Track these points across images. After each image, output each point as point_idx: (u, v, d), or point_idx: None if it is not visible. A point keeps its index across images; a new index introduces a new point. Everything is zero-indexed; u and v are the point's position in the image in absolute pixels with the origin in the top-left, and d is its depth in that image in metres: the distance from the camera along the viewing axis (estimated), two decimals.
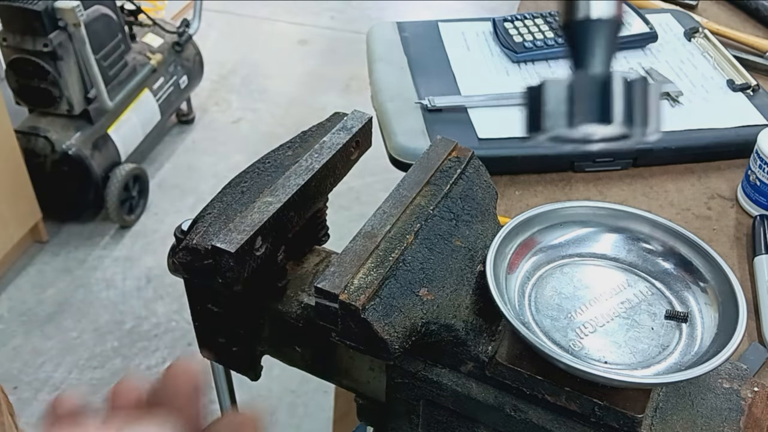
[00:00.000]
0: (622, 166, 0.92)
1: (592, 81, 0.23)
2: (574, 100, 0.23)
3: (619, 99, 0.23)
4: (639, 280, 0.52)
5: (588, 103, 0.23)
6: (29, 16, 2.06)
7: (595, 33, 0.25)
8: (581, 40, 0.25)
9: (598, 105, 0.23)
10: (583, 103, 0.23)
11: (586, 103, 0.23)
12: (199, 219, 0.52)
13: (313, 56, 3.47)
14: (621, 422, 0.45)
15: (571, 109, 0.23)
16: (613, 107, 0.23)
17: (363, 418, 0.58)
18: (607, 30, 0.25)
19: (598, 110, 0.23)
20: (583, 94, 0.23)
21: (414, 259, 0.49)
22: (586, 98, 0.23)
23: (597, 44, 0.25)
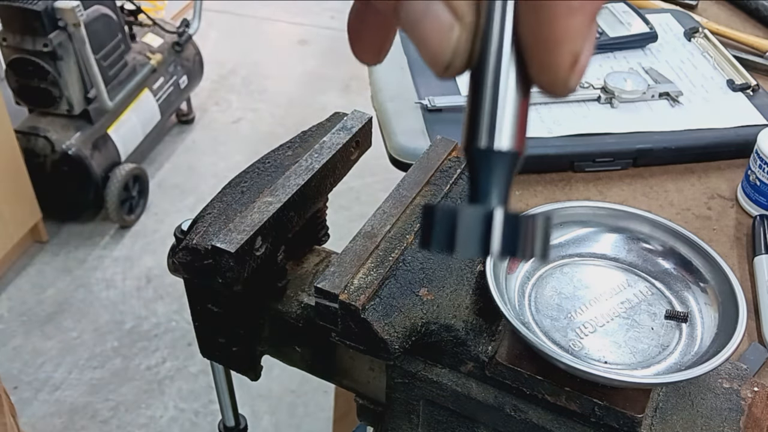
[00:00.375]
0: (622, 166, 0.92)
1: (477, 216, 0.25)
2: (456, 232, 0.25)
3: (498, 236, 0.25)
4: (639, 280, 0.52)
5: (469, 236, 0.25)
6: (29, 16, 2.06)
7: (493, 165, 0.26)
8: (478, 169, 0.26)
9: (478, 239, 0.25)
10: (464, 235, 0.25)
11: (467, 236, 0.25)
12: (199, 219, 0.52)
13: (313, 56, 3.47)
14: (621, 422, 0.45)
15: (453, 239, 0.25)
16: (491, 242, 0.25)
17: (363, 418, 0.58)
18: (505, 163, 0.26)
19: (477, 244, 0.25)
20: (466, 228, 0.25)
21: (414, 259, 0.49)
22: (468, 232, 0.25)
23: (494, 177, 0.26)
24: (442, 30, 0.25)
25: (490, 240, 0.25)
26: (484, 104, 0.26)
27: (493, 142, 0.25)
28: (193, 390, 1.98)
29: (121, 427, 1.90)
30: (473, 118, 0.26)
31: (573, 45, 0.24)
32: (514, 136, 0.26)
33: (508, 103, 0.26)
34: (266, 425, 1.91)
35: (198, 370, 2.03)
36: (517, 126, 0.26)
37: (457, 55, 0.25)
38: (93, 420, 1.91)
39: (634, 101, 0.98)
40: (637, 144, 0.92)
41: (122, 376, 2.02)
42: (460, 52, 0.25)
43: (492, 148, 0.26)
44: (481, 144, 0.26)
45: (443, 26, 0.25)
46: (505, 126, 0.26)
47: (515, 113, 0.26)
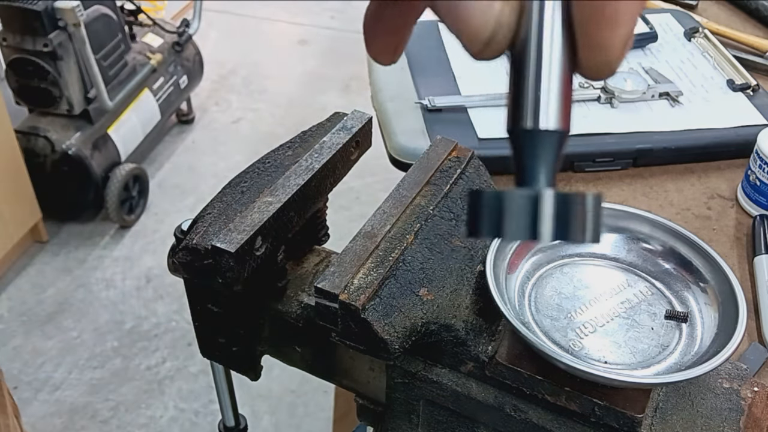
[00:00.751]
0: (622, 166, 0.92)
1: (525, 198, 0.24)
2: (504, 214, 0.24)
3: (548, 219, 0.24)
4: (639, 280, 0.52)
5: (518, 219, 0.24)
6: (29, 16, 2.06)
7: (540, 145, 0.25)
8: (525, 151, 0.25)
9: (528, 222, 0.24)
10: (513, 218, 0.24)
11: (516, 218, 0.24)
12: (199, 219, 0.52)
13: (313, 56, 3.47)
14: (621, 422, 0.45)
15: (501, 222, 0.24)
16: (540, 225, 0.24)
17: (363, 418, 0.58)
18: (552, 142, 0.25)
19: (527, 228, 0.24)
20: (514, 210, 0.24)
21: (414, 259, 0.49)
22: (516, 214, 0.24)
23: (540, 158, 0.25)
24: (483, 2, 0.24)
25: (540, 223, 0.24)
26: (529, 83, 0.25)
27: (539, 122, 0.25)
28: (193, 390, 1.98)
29: (121, 427, 1.90)
30: (517, 98, 0.25)
31: (629, 24, 0.24)
32: (561, 115, 0.25)
33: (553, 80, 0.25)
34: (266, 425, 1.91)
35: (198, 370, 2.03)
36: (563, 105, 0.25)
37: (501, 30, 0.24)
38: (93, 420, 1.91)
39: (634, 101, 0.98)
40: (637, 144, 0.92)
41: (122, 376, 2.02)
42: (503, 26, 0.24)
43: (538, 128, 0.25)
44: (526, 124, 0.25)
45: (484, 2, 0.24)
46: (551, 104, 0.25)
47: (560, 93, 0.25)
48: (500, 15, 0.24)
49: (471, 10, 0.24)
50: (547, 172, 0.25)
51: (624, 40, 0.24)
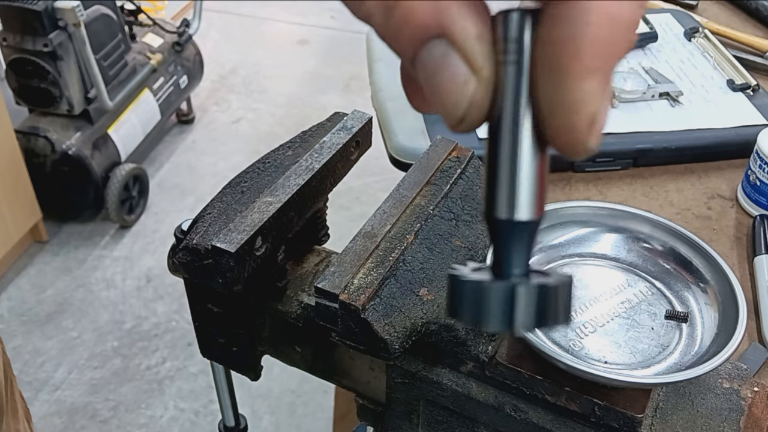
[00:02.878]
0: (622, 166, 0.92)
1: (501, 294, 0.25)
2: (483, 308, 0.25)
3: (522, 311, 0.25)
4: (639, 280, 0.52)
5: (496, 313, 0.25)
6: (29, 16, 2.06)
7: (514, 235, 0.26)
8: (501, 240, 0.26)
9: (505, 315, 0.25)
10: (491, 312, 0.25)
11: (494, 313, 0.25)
12: (199, 219, 0.52)
13: (313, 56, 3.47)
14: (621, 422, 0.45)
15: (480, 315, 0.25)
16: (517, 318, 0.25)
17: (363, 418, 0.58)
18: (526, 232, 0.26)
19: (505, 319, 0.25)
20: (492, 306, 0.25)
21: (414, 259, 0.49)
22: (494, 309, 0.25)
23: (515, 247, 0.26)
24: (457, 82, 0.24)
25: (516, 315, 0.25)
26: (502, 173, 0.25)
27: (513, 214, 0.26)
28: (193, 390, 1.98)
29: (121, 427, 1.90)
30: (491, 187, 0.26)
31: (590, 106, 0.24)
32: (533, 206, 0.26)
33: (524, 170, 0.25)
34: (266, 425, 1.91)
35: (198, 370, 2.03)
36: (536, 194, 0.26)
37: (473, 109, 0.24)
38: (93, 420, 1.91)
39: (634, 101, 0.98)
40: (637, 144, 0.92)
41: (122, 376, 2.02)
42: (475, 106, 0.24)
43: (512, 219, 0.26)
44: (501, 215, 0.26)
45: (459, 78, 0.24)
46: (523, 197, 0.25)
47: (533, 181, 0.25)
48: (473, 97, 0.24)
49: (445, 90, 0.24)
50: (521, 260, 0.26)
51: (589, 120, 0.24)
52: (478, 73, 0.24)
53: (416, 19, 0.24)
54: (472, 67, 0.24)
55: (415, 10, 0.23)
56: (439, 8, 0.23)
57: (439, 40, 0.24)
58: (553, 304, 0.26)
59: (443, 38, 0.24)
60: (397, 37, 0.24)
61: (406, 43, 0.24)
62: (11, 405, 0.86)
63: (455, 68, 0.24)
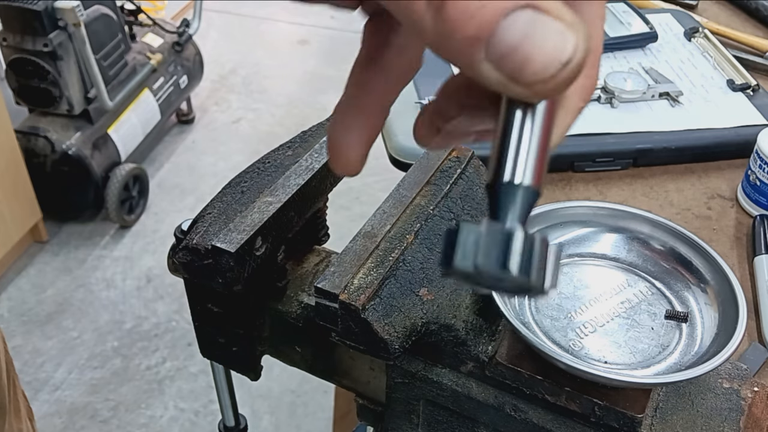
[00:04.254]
0: (622, 166, 0.92)
1: (499, 234, 0.27)
2: (478, 248, 0.26)
3: (517, 254, 0.26)
4: (639, 280, 0.52)
5: (491, 253, 0.26)
6: (29, 16, 2.06)
7: (517, 197, 0.28)
8: (502, 200, 0.28)
9: (499, 257, 0.26)
10: (486, 252, 0.26)
11: (489, 252, 0.26)
12: (199, 219, 0.52)
13: (313, 56, 3.47)
14: (621, 422, 0.45)
15: (476, 255, 0.26)
16: (510, 261, 0.26)
17: (363, 418, 0.58)
18: (527, 197, 0.28)
19: (498, 262, 0.26)
20: (488, 244, 0.26)
21: (414, 259, 0.49)
22: (490, 248, 0.26)
23: (515, 206, 0.28)
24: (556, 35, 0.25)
25: (509, 259, 0.26)
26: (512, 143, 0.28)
27: (517, 178, 0.28)
28: (193, 390, 1.98)
29: (121, 427, 1.90)
30: (500, 155, 0.28)
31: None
32: (535, 174, 0.28)
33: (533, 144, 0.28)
34: (266, 425, 1.91)
35: (198, 370, 2.03)
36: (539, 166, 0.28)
37: (578, 51, 0.25)
38: (93, 420, 1.91)
39: (634, 101, 0.98)
40: (637, 144, 0.92)
41: (122, 376, 2.02)
42: (581, 47, 0.25)
43: (515, 182, 0.28)
44: (506, 178, 0.28)
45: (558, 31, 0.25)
46: (529, 164, 0.28)
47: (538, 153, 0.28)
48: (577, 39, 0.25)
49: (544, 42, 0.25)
50: (521, 217, 0.28)
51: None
52: (575, 26, 0.25)
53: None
54: (568, 22, 0.25)
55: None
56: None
57: (522, 11, 0.25)
58: (543, 258, 0.27)
59: (527, 8, 0.25)
60: (478, 12, 0.25)
61: (485, 18, 0.25)
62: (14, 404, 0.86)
63: (551, 24, 0.25)
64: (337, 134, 0.34)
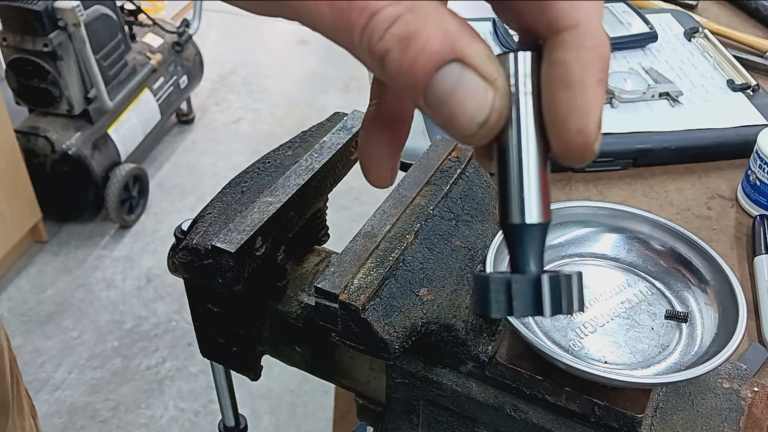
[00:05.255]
0: (622, 166, 0.92)
1: (527, 283, 0.29)
2: (513, 297, 0.29)
3: (548, 296, 0.29)
4: (639, 280, 0.52)
5: (524, 301, 0.29)
6: (29, 16, 2.06)
7: (527, 236, 0.30)
8: (516, 242, 0.30)
9: (532, 302, 0.29)
10: (520, 300, 0.29)
11: (522, 300, 0.29)
12: (199, 219, 0.52)
13: (313, 56, 3.47)
14: (621, 422, 0.45)
15: (510, 304, 0.29)
16: (543, 303, 0.29)
17: (363, 418, 0.58)
18: (537, 233, 0.30)
19: (532, 306, 0.29)
20: (520, 293, 0.29)
21: (414, 259, 0.49)
22: (522, 296, 0.29)
23: (530, 246, 0.30)
24: (477, 94, 0.27)
25: (543, 302, 0.29)
26: (513, 184, 0.30)
27: (525, 218, 0.30)
28: (193, 390, 1.98)
29: (121, 427, 1.90)
30: (504, 198, 0.30)
31: (599, 110, 0.30)
32: (542, 209, 0.30)
33: (532, 180, 0.30)
34: (266, 425, 1.91)
35: (198, 370, 2.03)
36: (543, 200, 0.30)
37: (494, 114, 0.27)
38: (93, 420, 1.91)
39: (634, 101, 0.98)
40: (637, 144, 0.92)
41: (122, 376, 2.02)
42: (496, 110, 0.27)
43: (525, 222, 0.30)
44: (515, 220, 0.30)
45: (478, 90, 0.27)
46: (533, 203, 0.30)
47: (540, 188, 0.30)
48: (493, 102, 0.27)
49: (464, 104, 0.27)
50: (537, 258, 0.30)
51: (599, 122, 0.30)
52: (493, 83, 0.27)
53: (432, 48, 0.26)
54: (488, 79, 0.27)
55: (431, 40, 0.26)
56: (451, 36, 0.27)
57: (453, 64, 0.27)
58: (570, 291, 0.30)
59: (457, 62, 0.27)
60: (413, 67, 0.27)
61: (421, 72, 0.27)
62: (17, 402, 0.86)
63: (473, 81, 0.27)
64: (364, 149, 0.36)
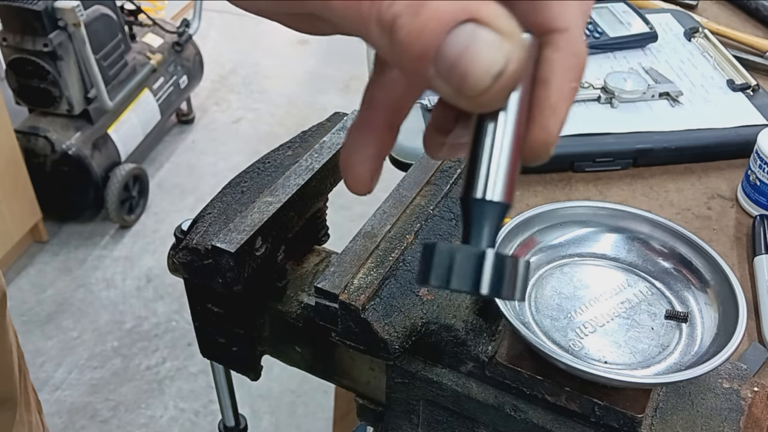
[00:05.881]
0: (622, 166, 0.92)
1: (470, 255, 0.28)
2: (453, 269, 0.28)
3: (489, 273, 0.28)
4: (639, 280, 0.52)
5: (463, 273, 0.28)
6: (29, 16, 2.06)
7: (487, 213, 0.29)
8: (474, 218, 0.29)
9: (471, 276, 0.28)
10: (459, 272, 0.28)
11: (461, 272, 0.28)
12: (199, 219, 0.52)
13: (313, 56, 3.47)
14: (621, 422, 0.45)
15: (450, 275, 0.28)
16: (482, 280, 0.28)
17: (363, 418, 0.58)
18: (496, 212, 0.29)
19: (471, 280, 0.28)
20: (461, 265, 0.28)
21: (414, 259, 0.49)
22: (462, 269, 0.28)
23: (486, 223, 0.29)
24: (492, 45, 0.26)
25: (481, 278, 0.28)
26: (483, 160, 0.29)
27: (486, 194, 0.29)
28: (193, 390, 1.98)
29: (121, 427, 1.90)
30: (472, 170, 0.30)
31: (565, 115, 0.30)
32: (506, 190, 0.30)
33: (503, 157, 0.29)
34: (266, 425, 1.91)
35: (198, 370, 2.03)
36: (509, 180, 0.30)
37: (511, 62, 0.26)
38: (93, 420, 1.91)
39: (634, 101, 0.98)
40: (637, 144, 0.92)
41: (122, 376, 2.02)
42: (514, 58, 0.26)
43: (486, 199, 0.29)
44: (477, 195, 0.29)
45: (494, 42, 0.26)
46: (499, 180, 0.29)
47: (508, 168, 0.29)
48: (509, 52, 0.26)
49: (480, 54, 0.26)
50: (490, 236, 0.30)
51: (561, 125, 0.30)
52: (510, 36, 0.26)
53: (445, 8, 0.26)
54: (504, 32, 0.26)
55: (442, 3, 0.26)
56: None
57: (466, 24, 0.26)
58: (514, 275, 0.29)
59: (469, 21, 0.26)
60: (424, 31, 0.26)
61: (432, 36, 0.26)
62: (24, 398, 0.87)
63: (487, 35, 0.26)
64: (346, 151, 0.35)
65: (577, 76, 0.30)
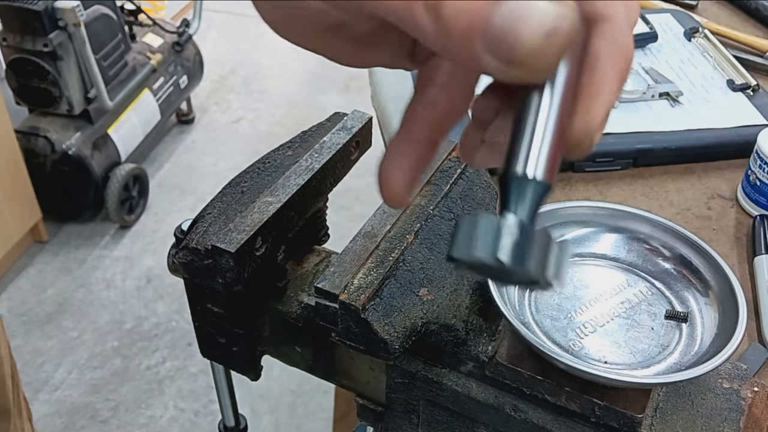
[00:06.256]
0: (622, 166, 0.92)
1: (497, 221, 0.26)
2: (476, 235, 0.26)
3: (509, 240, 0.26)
4: (639, 280, 0.52)
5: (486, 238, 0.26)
6: (29, 16, 2.06)
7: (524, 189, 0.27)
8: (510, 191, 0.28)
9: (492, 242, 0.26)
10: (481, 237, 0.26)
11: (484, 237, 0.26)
12: (199, 219, 0.52)
13: (313, 56, 3.45)
14: (621, 422, 0.45)
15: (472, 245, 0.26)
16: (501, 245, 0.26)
17: (363, 418, 0.58)
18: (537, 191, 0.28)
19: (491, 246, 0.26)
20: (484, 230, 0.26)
21: (414, 259, 0.49)
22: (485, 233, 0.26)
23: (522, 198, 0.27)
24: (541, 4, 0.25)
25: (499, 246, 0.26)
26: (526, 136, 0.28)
27: (530, 171, 0.28)
28: (193, 390, 1.98)
29: (121, 427, 1.90)
30: (515, 147, 0.28)
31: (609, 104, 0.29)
32: (547, 170, 0.28)
33: (548, 138, 0.28)
34: (266, 425, 1.91)
35: (198, 370, 2.03)
36: (551, 161, 0.28)
37: (564, 19, 0.25)
38: (93, 420, 1.91)
39: (634, 101, 0.98)
40: (637, 144, 0.92)
41: (122, 376, 2.02)
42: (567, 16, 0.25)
43: (528, 176, 0.28)
44: (517, 169, 0.28)
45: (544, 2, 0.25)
46: (541, 159, 0.28)
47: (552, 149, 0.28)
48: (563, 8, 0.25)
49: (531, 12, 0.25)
50: (530, 210, 0.27)
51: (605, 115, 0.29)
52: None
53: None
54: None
55: None
56: None
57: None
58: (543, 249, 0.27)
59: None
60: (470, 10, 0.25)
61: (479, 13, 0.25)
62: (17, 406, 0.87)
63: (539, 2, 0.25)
64: (383, 164, 0.35)
65: (623, 68, 0.30)
